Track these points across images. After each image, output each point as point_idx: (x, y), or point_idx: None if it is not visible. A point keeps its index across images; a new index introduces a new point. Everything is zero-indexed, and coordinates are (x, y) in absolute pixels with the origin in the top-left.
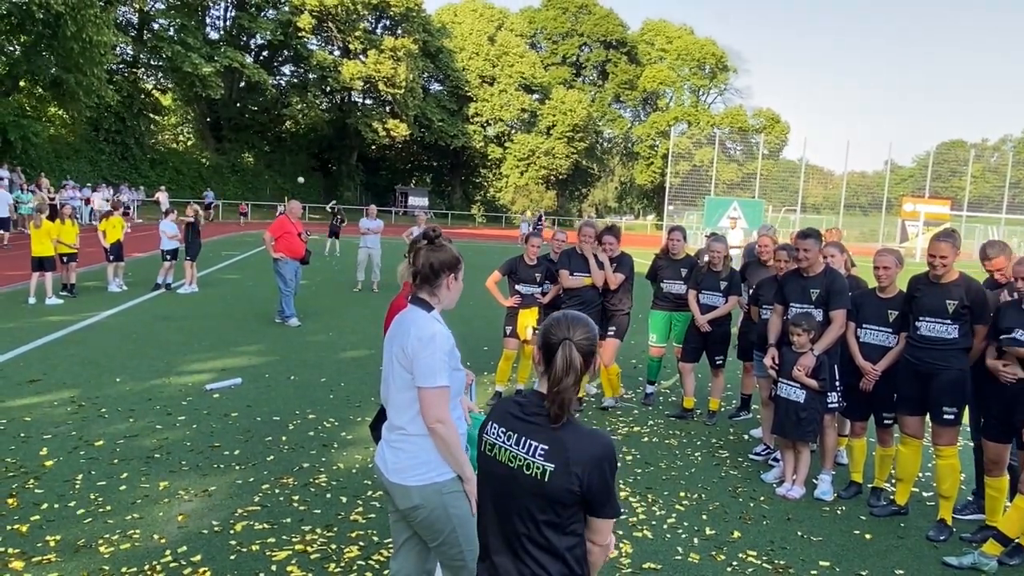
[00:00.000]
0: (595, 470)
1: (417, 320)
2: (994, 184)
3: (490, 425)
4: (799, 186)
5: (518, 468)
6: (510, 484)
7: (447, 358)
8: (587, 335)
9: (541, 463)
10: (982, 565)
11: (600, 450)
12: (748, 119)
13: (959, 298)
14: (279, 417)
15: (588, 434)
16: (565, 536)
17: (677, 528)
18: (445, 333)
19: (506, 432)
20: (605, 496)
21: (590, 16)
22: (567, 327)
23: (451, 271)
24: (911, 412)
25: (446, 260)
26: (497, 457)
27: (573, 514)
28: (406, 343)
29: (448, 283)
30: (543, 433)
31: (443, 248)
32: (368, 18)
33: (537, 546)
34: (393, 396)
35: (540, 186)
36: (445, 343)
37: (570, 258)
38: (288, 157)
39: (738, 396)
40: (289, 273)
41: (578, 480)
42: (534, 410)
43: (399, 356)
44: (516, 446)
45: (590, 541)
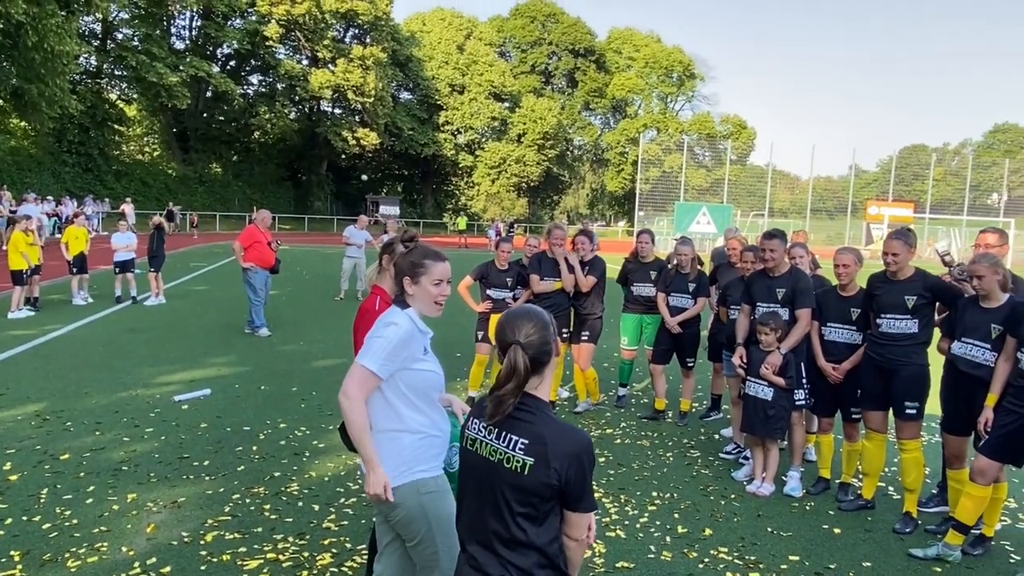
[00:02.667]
0: (573, 464)
1: (388, 311)
2: (955, 187)
3: (471, 421)
4: (767, 191)
5: (498, 462)
6: (491, 478)
7: (389, 348)
8: (536, 331)
9: (521, 457)
10: (946, 556)
11: (578, 445)
12: (716, 125)
13: (917, 293)
14: (249, 427)
15: (567, 429)
16: (543, 529)
17: (649, 527)
18: (403, 327)
19: (487, 426)
20: (582, 490)
21: (558, 25)
22: (515, 328)
23: (406, 273)
24: (875, 407)
25: (404, 263)
26: (478, 451)
27: (551, 508)
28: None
29: (405, 285)
30: (523, 428)
31: (409, 252)
32: (336, 27)
33: (515, 539)
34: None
35: (512, 194)
36: (395, 334)
37: (540, 262)
38: (257, 167)
39: (709, 397)
40: (259, 283)
41: (556, 474)
42: (517, 407)
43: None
44: (496, 440)
45: (566, 536)
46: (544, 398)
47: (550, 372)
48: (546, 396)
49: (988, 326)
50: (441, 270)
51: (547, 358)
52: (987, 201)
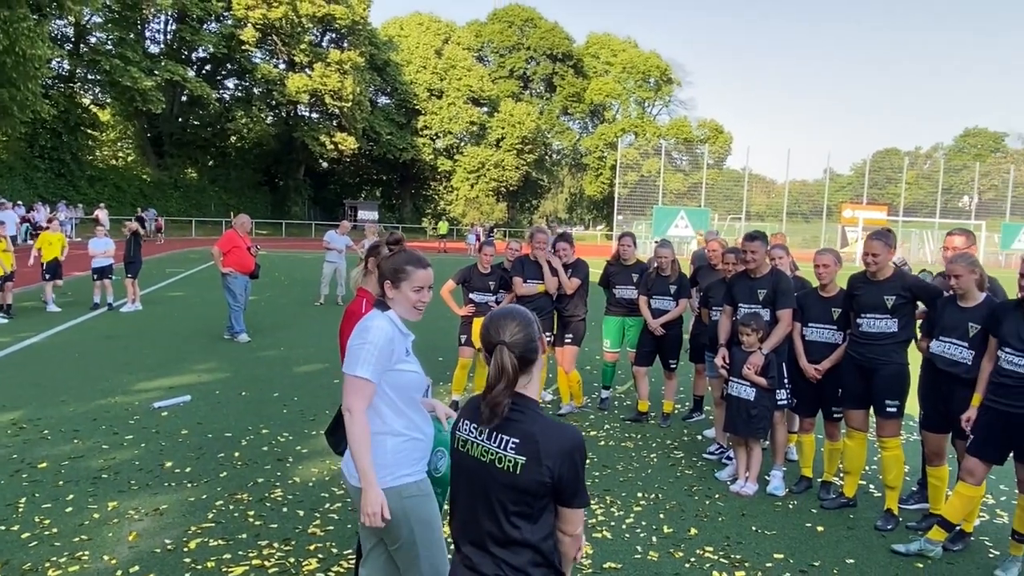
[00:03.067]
0: (566, 461)
1: (368, 315)
2: (927, 190)
3: (462, 422)
4: (743, 195)
5: (490, 462)
6: (483, 478)
7: (376, 352)
8: (520, 330)
9: (513, 456)
10: (928, 551)
11: (570, 442)
12: (693, 130)
13: (896, 293)
14: (231, 433)
15: (557, 427)
16: (537, 527)
17: (636, 528)
18: (385, 329)
19: (478, 428)
20: (575, 486)
21: (536, 30)
22: (499, 328)
23: (387, 277)
24: (856, 406)
25: (386, 267)
26: (470, 452)
27: (544, 505)
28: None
29: (385, 289)
30: (514, 427)
31: (391, 256)
32: (313, 31)
33: (509, 537)
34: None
35: (491, 198)
36: (378, 337)
37: (524, 265)
38: (233, 172)
39: (691, 398)
40: (238, 288)
41: (549, 471)
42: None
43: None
44: (488, 441)
45: (561, 531)
46: (533, 397)
47: (537, 370)
48: (535, 395)
49: (966, 325)
50: (423, 276)
51: (534, 356)
52: (958, 204)
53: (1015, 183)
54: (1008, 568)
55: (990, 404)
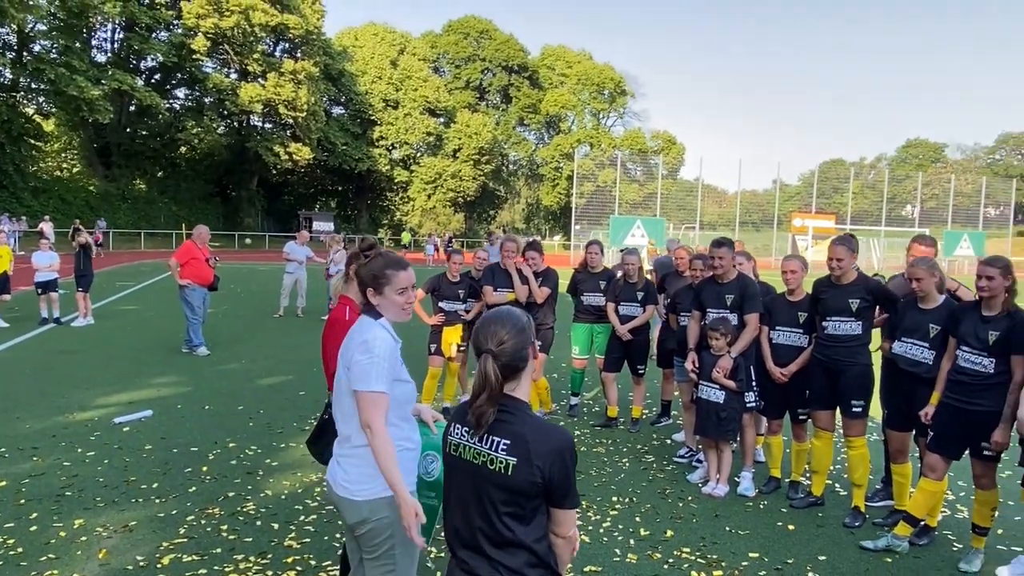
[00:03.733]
0: (556, 461)
1: (360, 325)
2: (872, 200)
3: (453, 426)
4: (697, 205)
5: (482, 464)
6: (476, 480)
7: (386, 364)
8: (510, 337)
9: (504, 457)
10: (895, 546)
11: (560, 443)
12: (647, 141)
13: (860, 296)
14: (197, 448)
15: (548, 428)
16: (530, 528)
17: (613, 531)
18: (385, 339)
19: (469, 431)
20: (566, 487)
21: (491, 41)
22: (487, 335)
23: (369, 284)
24: (823, 407)
25: (365, 274)
26: (462, 456)
27: (537, 506)
28: (350, 345)
29: (369, 297)
30: (505, 429)
31: (369, 262)
32: (266, 41)
33: (504, 539)
34: (340, 405)
35: (448, 209)
36: (384, 349)
37: (494, 274)
38: (184, 183)
39: (658, 403)
40: (196, 300)
41: (540, 472)
42: (497, 408)
43: (346, 362)
44: (479, 443)
45: (553, 534)
46: (523, 398)
47: (528, 374)
48: (525, 396)
49: (927, 326)
50: (404, 278)
51: (522, 364)
52: (902, 213)
53: (955, 192)
54: (971, 560)
55: (948, 401)
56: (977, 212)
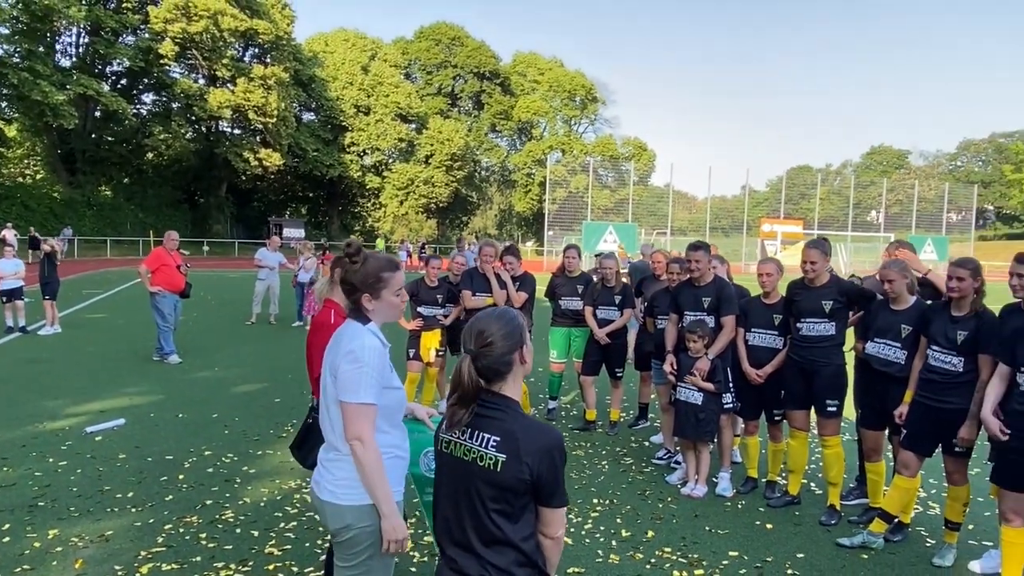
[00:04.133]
0: (545, 459)
1: (348, 332)
2: (838, 205)
3: (445, 424)
4: (668, 210)
5: (472, 461)
6: (466, 477)
7: (375, 373)
8: (496, 340)
9: (494, 454)
10: (871, 543)
11: (549, 441)
12: (618, 147)
13: (833, 298)
14: (172, 456)
15: (537, 426)
16: (518, 526)
17: (595, 532)
18: (376, 347)
19: (460, 428)
20: (554, 485)
21: (463, 48)
22: (471, 335)
23: (363, 291)
24: (798, 407)
25: (358, 280)
26: (453, 453)
27: (525, 504)
28: (337, 354)
29: (363, 303)
30: (495, 426)
31: (359, 266)
32: (235, 46)
33: (492, 537)
34: (327, 412)
35: (420, 215)
36: (374, 357)
37: (472, 278)
38: (151, 190)
39: (636, 406)
40: (167, 307)
41: (529, 469)
42: (486, 405)
43: (332, 369)
44: (470, 440)
45: (542, 534)
46: (513, 397)
47: (516, 374)
48: (515, 395)
49: (898, 327)
50: (399, 279)
51: (505, 368)
52: (867, 218)
53: (919, 198)
54: (944, 555)
55: (920, 400)
56: (940, 217)
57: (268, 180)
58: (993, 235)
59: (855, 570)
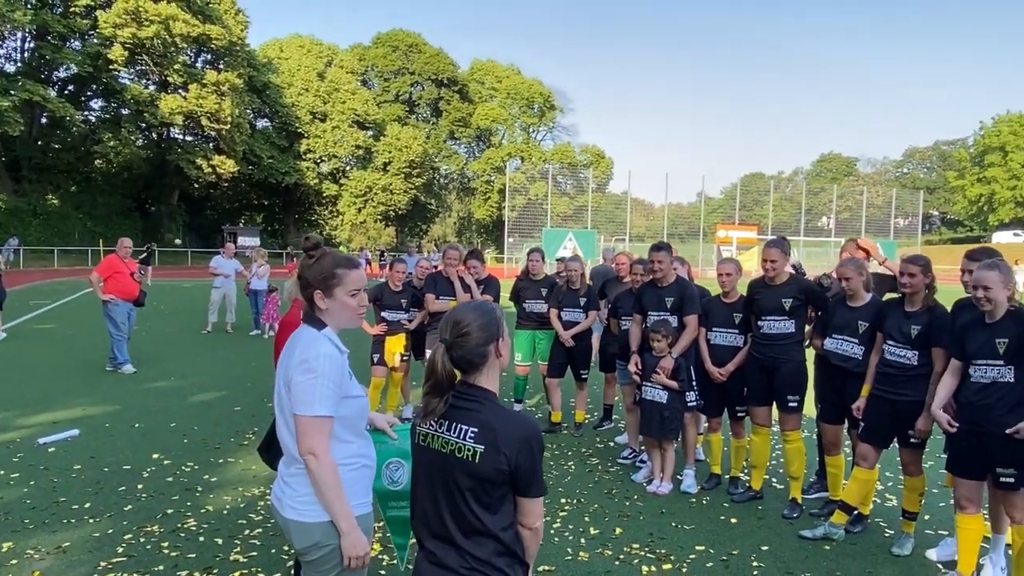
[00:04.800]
0: (523, 449)
1: (303, 339)
2: (791, 212)
3: (420, 415)
4: (626, 217)
5: (450, 452)
6: (444, 469)
7: (330, 384)
8: (472, 331)
9: (472, 445)
10: (832, 534)
11: (527, 430)
12: (576, 155)
13: (792, 296)
14: (130, 466)
15: (515, 416)
16: (497, 517)
17: (564, 531)
18: (333, 355)
19: (437, 420)
20: (532, 475)
21: (420, 55)
22: (448, 325)
23: (316, 287)
24: (760, 403)
25: (311, 275)
26: (431, 445)
27: (503, 495)
28: (290, 363)
29: (316, 301)
30: (472, 417)
31: (315, 261)
32: (187, 51)
33: (471, 528)
34: (284, 421)
35: (379, 223)
36: (330, 367)
37: (436, 282)
38: (100, 198)
39: (600, 407)
40: (121, 316)
41: (507, 459)
42: (463, 397)
43: (285, 379)
44: (448, 432)
45: (521, 525)
46: (490, 388)
47: (492, 365)
48: (491, 386)
49: (856, 323)
50: (356, 278)
51: (480, 360)
52: (818, 223)
53: (868, 204)
54: (903, 544)
55: (877, 393)
56: (888, 223)
57: (222, 188)
58: (939, 239)
59: (818, 561)
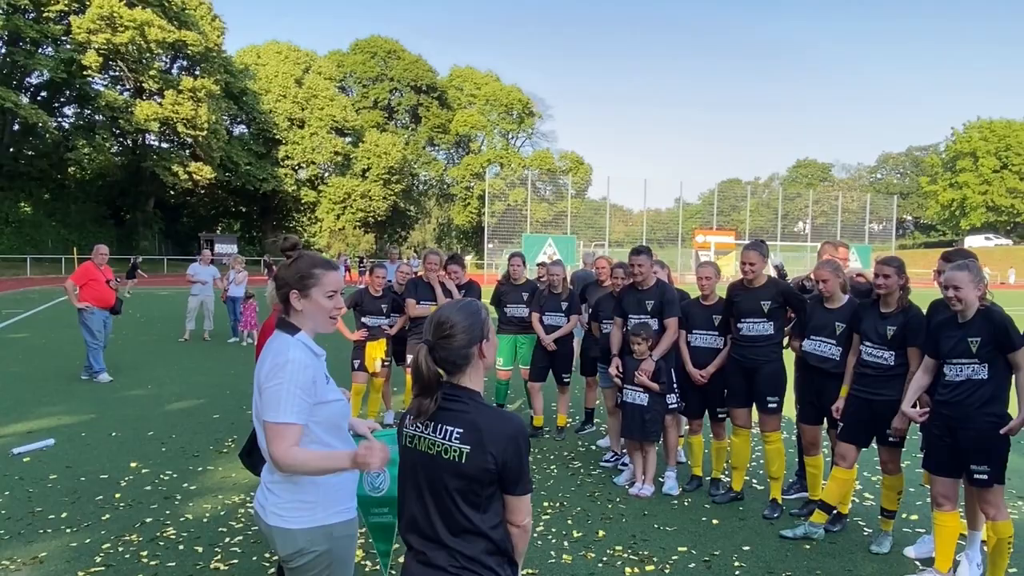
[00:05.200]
0: (509, 446)
1: (274, 345)
2: (767, 217)
3: (408, 419)
4: (605, 223)
5: (437, 454)
6: (432, 471)
7: (299, 391)
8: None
9: (458, 446)
10: (812, 534)
11: (513, 428)
12: (555, 161)
13: (771, 298)
14: (107, 475)
15: (500, 414)
16: (486, 516)
17: (547, 534)
18: (303, 361)
19: (423, 422)
20: (519, 473)
21: (399, 61)
22: (432, 326)
23: (292, 286)
24: (740, 405)
25: (289, 274)
26: (418, 447)
27: (492, 493)
28: (261, 369)
29: (292, 301)
30: (458, 418)
31: (292, 261)
32: (163, 57)
33: (461, 527)
34: (261, 431)
35: (358, 229)
36: (299, 374)
37: (416, 287)
38: (74, 205)
39: (582, 411)
40: (97, 324)
41: (493, 458)
42: (448, 398)
43: (257, 385)
44: (434, 433)
45: (510, 523)
46: (474, 388)
47: (476, 366)
48: (475, 386)
49: (833, 324)
50: (334, 279)
51: (463, 361)
52: (795, 228)
53: (843, 209)
54: (881, 542)
55: (855, 393)
56: (863, 227)
57: (199, 195)
58: (912, 244)
59: (798, 560)
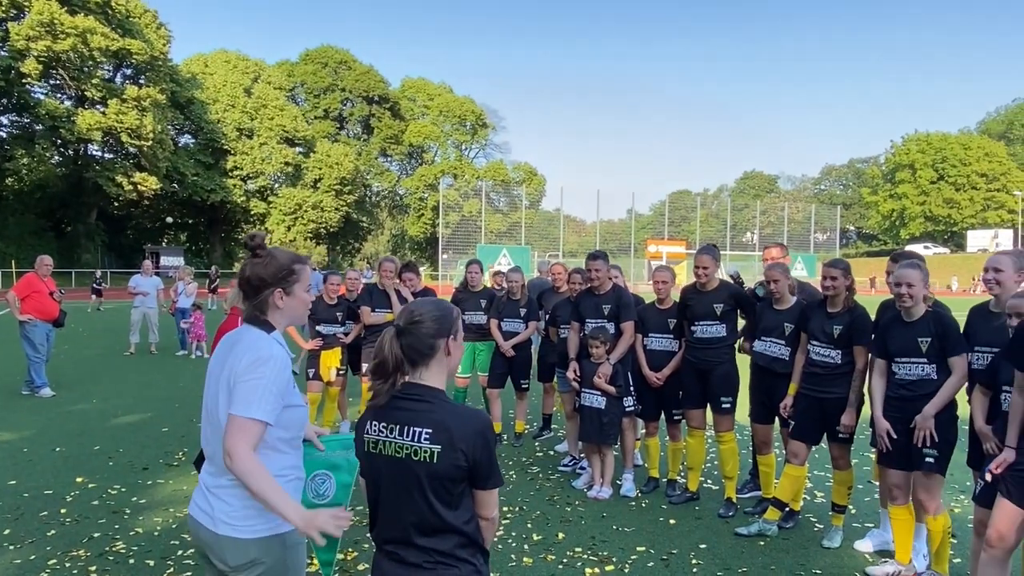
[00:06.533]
0: (478, 442)
1: (252, 340)
2: (716, 227)
3: (369, 424)
4: (559, 234)
5: (406, 456)
6: (401, 474)
7: (276, 390)
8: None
9: (428, 446)
10: (766, 530)
11: (480, 423)
12: (509, 172)
13: (723, 301)
14: (52, 490)
15: (465, 411)
16: (458, 512)
17: (507, 538)
18: (283, 359)
19: (387, 426)
20: (489, 468)
21: (350, 72)
22: (403, 313)
23: (275, 285)
24: (695, 406)
25: (268, 273)
26: (383, 452)
27: (463, 490)
28: (236, 365)
29: (274, 300)
30: (424, 418)
31: (267, 259)
32: (106, 66)
33: (434, 526)
34: (213, 427)
35: (310, 241)
36: (280, 373)
37: (371, 294)
38: (11, 218)
39: (539, 417)
40: (39, 337)
41: (464, 455)
42: (411, 399)
43: (228, 380)
44: (401, 436)
45: (480, 516)
46: (436, 386)
47: (439, 362)
48: (438, 384)
49: (782, 325)
50: (309, 273)
51: (429, 352)
52: (743, 238)
53: (789, 219)
54: (832, 537)
55: (805, 392)
56: (808, 237)
57: (143, 206)
58: (855, 252)
59: (753, 556)
